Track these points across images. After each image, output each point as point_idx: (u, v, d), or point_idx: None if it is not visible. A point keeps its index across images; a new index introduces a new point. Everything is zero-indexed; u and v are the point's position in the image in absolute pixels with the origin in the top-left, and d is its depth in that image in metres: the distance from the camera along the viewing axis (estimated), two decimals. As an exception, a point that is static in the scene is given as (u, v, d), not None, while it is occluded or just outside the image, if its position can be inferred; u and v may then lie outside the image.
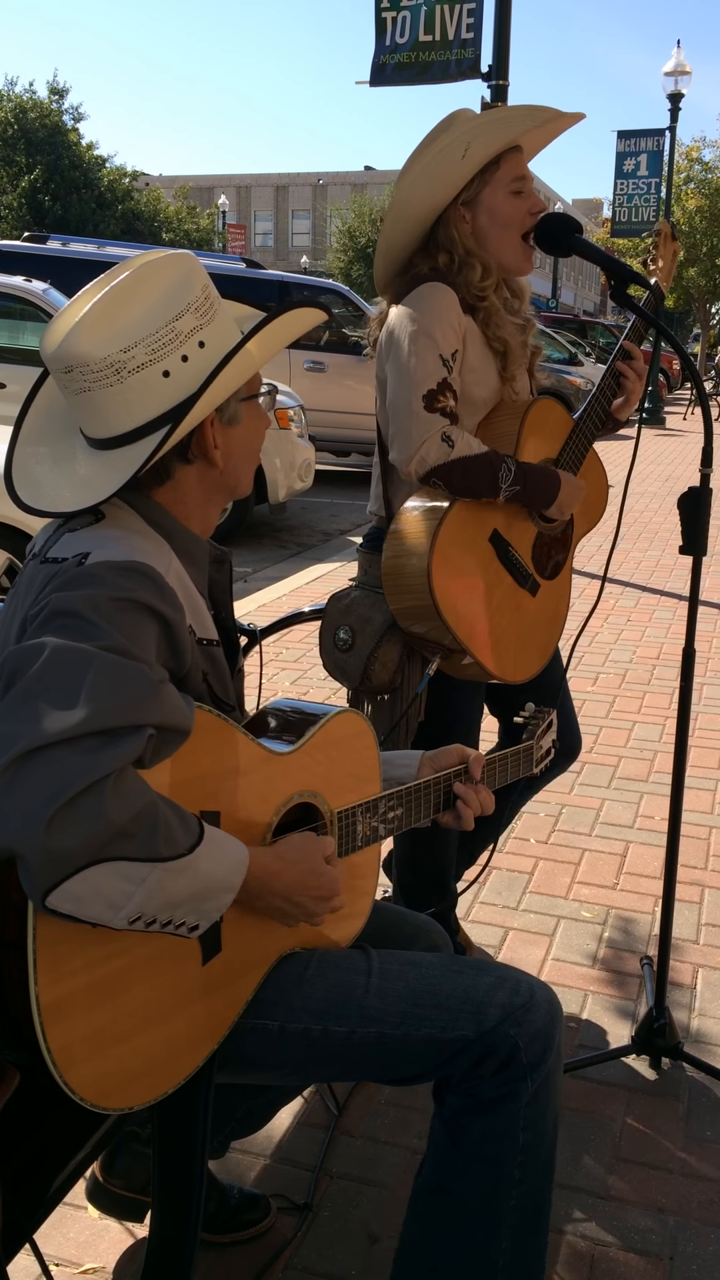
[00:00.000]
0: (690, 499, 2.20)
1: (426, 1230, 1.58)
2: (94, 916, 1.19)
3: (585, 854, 3.43)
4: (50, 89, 36.66)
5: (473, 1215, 1.54)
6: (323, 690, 4.85)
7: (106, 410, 1.41)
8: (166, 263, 1.43)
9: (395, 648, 2.32)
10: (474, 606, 2.23)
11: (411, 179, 2.21)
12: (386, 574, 2.25)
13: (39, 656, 1.20)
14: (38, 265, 9.81)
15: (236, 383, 1.47)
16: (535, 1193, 1.57)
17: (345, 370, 11.36)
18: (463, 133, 2.19)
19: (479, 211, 2.27)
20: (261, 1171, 2.11)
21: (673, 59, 19.71)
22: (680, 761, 2.35)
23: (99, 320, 1.38)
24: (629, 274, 2.26)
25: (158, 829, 1.20)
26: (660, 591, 6.93)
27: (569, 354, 19.32)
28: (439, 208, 2.27)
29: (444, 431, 2.15)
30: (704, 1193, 2.09)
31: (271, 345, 1.50)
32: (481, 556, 2.26)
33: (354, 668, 2.35)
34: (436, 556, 2.15)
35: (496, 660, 2.28)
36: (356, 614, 2.37)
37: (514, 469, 2.20)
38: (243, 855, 1.33)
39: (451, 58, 7.59)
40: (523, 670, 2.37)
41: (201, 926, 1.31)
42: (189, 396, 1.40)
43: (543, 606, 2.41)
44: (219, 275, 11.45)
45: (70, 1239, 1.94)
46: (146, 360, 1.39)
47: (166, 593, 1.35)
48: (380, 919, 1.77)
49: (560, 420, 2.40)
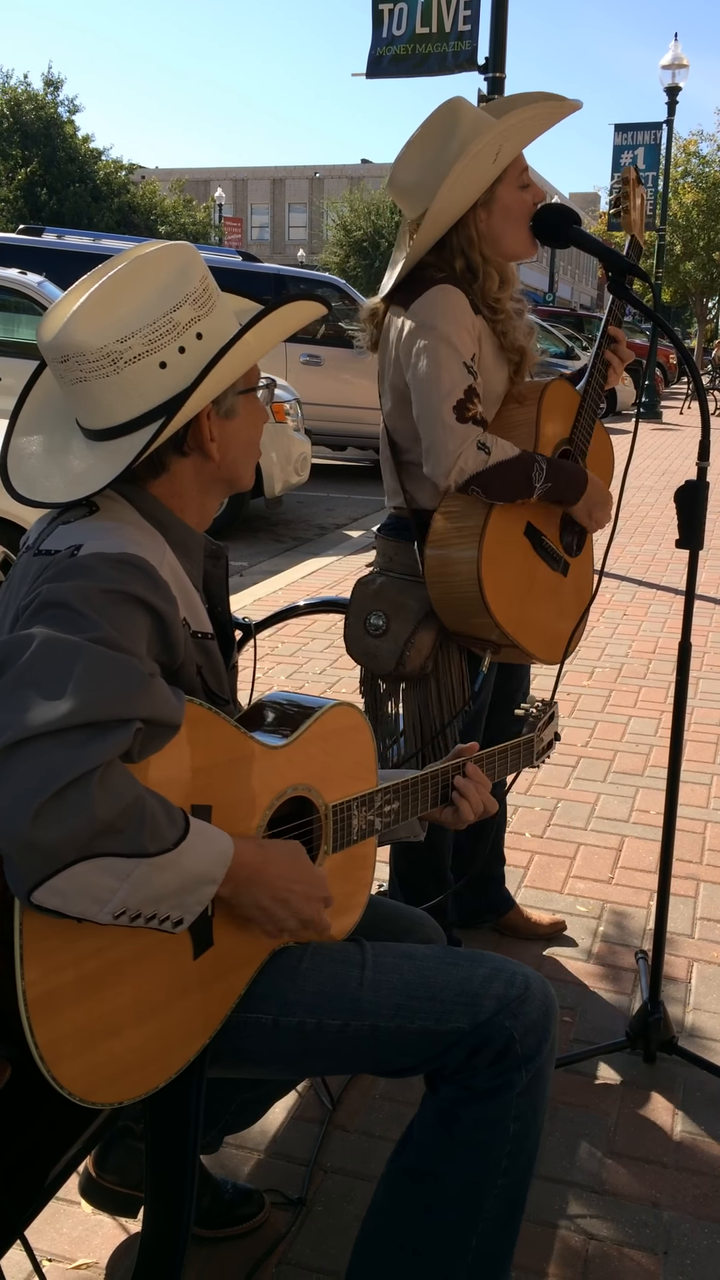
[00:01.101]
0: (687, 493, 2.19)
1: (403, 1209, 1.57)
2: (79, 912, 1.18)
3: (580, 848, 3.43)
4: (45, 81, 36.55)
5: (454, 1199, 1.54)
6: (318, 684, 4.84)
7: (102, 401, 1.40)
8: (165, 253, 1.42)
9: (431, 633, 2.34)
10: (520, 601, 2.28)
11: (450, 186, 2.16)
12: (433, 581, 2.28)
13: (28, 647, 1.19)
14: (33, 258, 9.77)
15: (234, 375, 1.46)
16: (518, 1182, 1.57)
17: (342, 364, 11.34)
18: (496, 135, 2.17)
19: (494, 210, 2.27)
20: (255, 1166, 2.10)
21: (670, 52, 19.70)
22: (676, 756, 2.35)
23: (96, 310, 1.36)
24: (626, 266, 2.25)
25: (144, 824, 1.19)
26: (656, 585, 6.93)
27: (566, 348, 19.30)
28: (464, 211, 2.25)
29: (479, 440, 2.17)
30: (698, 1187, 2.09)
31: (270, 338, 1.49)
32: (521, 551, 2.30)
33: (388, 653, 2.36)
34: (485, 560, 2.19)
35: (541, 647, 2.33)
36: (389, 599, 2.39)
37: (545, 467, 2.23)
38: (226, 846, 1.32)
39: (448, 50, 7.56)
40: (560, 651, 2.41)
41: (185, 920, 1.30)
42: (185, 388, 1.39)
43: (574, 584, 2.46)
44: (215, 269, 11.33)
45: (63, 1234, 1.93)
46: (143, 351, 1.38)
47: (159, 585, 1.34)
48: (374, 912, 1.76)
49: (569, 398, 2.43)
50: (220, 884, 1.32)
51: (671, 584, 6.95)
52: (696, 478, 2.18)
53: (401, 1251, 1.56)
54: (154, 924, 1.27)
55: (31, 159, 34.77)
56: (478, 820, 1.77)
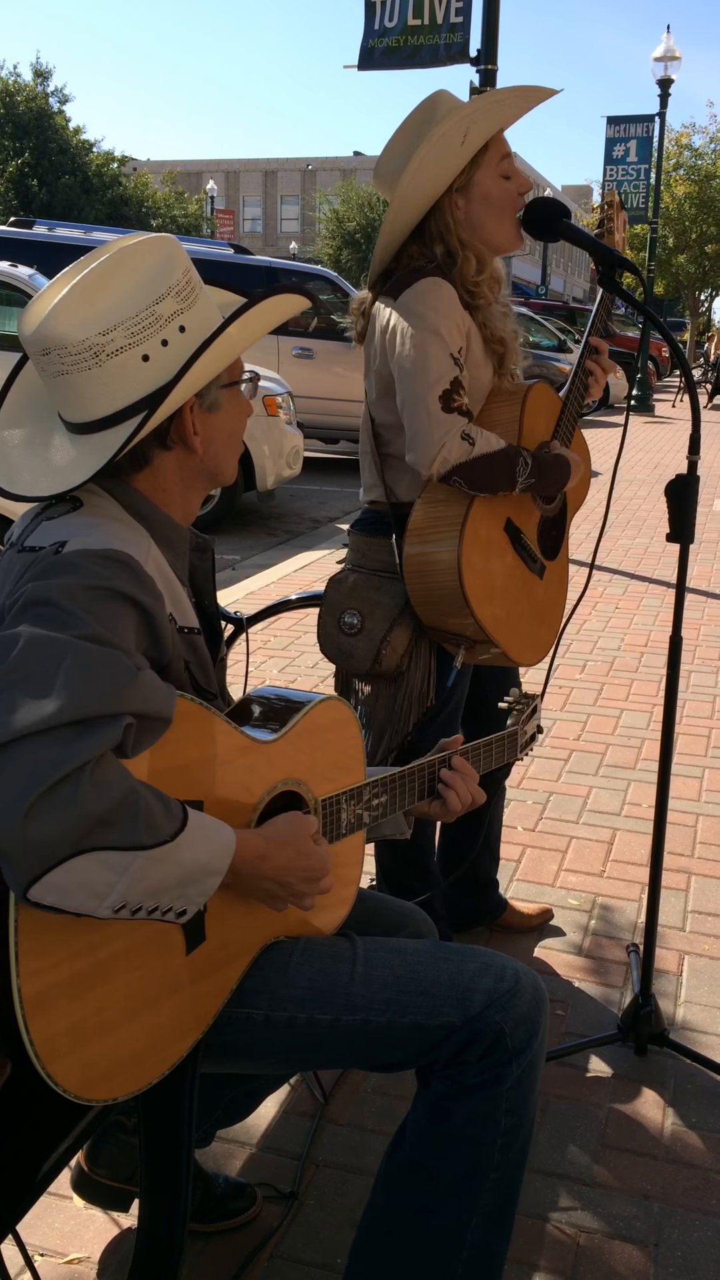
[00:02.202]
0: (677, 486, 2.19)
1: (397, 1204, 1.58)
2: (78, 907, 1.18)
3: (572, 841, 3.43)
4: (34, 71, 36.36)
5: (448, 1194, 1.55)
6: (310, 679, 4.84)
7: (84, 394, 1.39)
8: (147, 246, 1.41)
9: (406, 631, 2.33)
10: (498, 598, 2.27)
11: (415, 168, 2.17)
12: (411, 573, 2.26)
13: (14, 647, 1.19)
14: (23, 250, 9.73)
15: (216, 368, 1.45)
16: (510, 1175, 1.58)
17: (334, 357, 11.32)
18: (461, 118, 2.16)
19: (472, 197, 2.26)
20: (247, 1160, 2.11)
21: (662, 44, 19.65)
22: (667, 749, 2.35)
23: (78, 302, 1.36)
24: (617, 259, 2.26)
25: (139, 816, 1.19)
26: (648, 579, 6.93)
27: (558, 341, 19.29)
28: (437, 195, 2.26)
29: (464, 430, 2.16)
30: (688, 1179, 2.10)
31: (253, 331, 1.48)
32: (499, 548, 2.29)
33: (364, 651, 2.35)
34: (465, 553, 2.18)
35: (517, 647, 2.32)
36: (363, 597, 2.37)
37: (530, 461, 2.22)
38: (229, 838, 1.32)
39: (440, 42, 7.54)
40: (537, 653, 2.40)
41: (189, 912, 1.30)
42: (167, 382, 1.38)
43: (549, 586, 2.45)
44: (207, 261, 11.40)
45: (55, 1229, 1.93)
46: (125, 344, 1.37)
47: (144, 581, 1.33)
48: (364, 906, 1.77)
49: (551, 402, 2.42)
50: (224, 875, 1.32)
51: (663, 577, 6.96)
52: (687, 471, 2.18)
53: (398, 1249, 1.57)
54: (156, 916, 1.27)
55: (22, 150, 34.60)
56: (465, 812, 1.77)
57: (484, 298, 2.27)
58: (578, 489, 2.53)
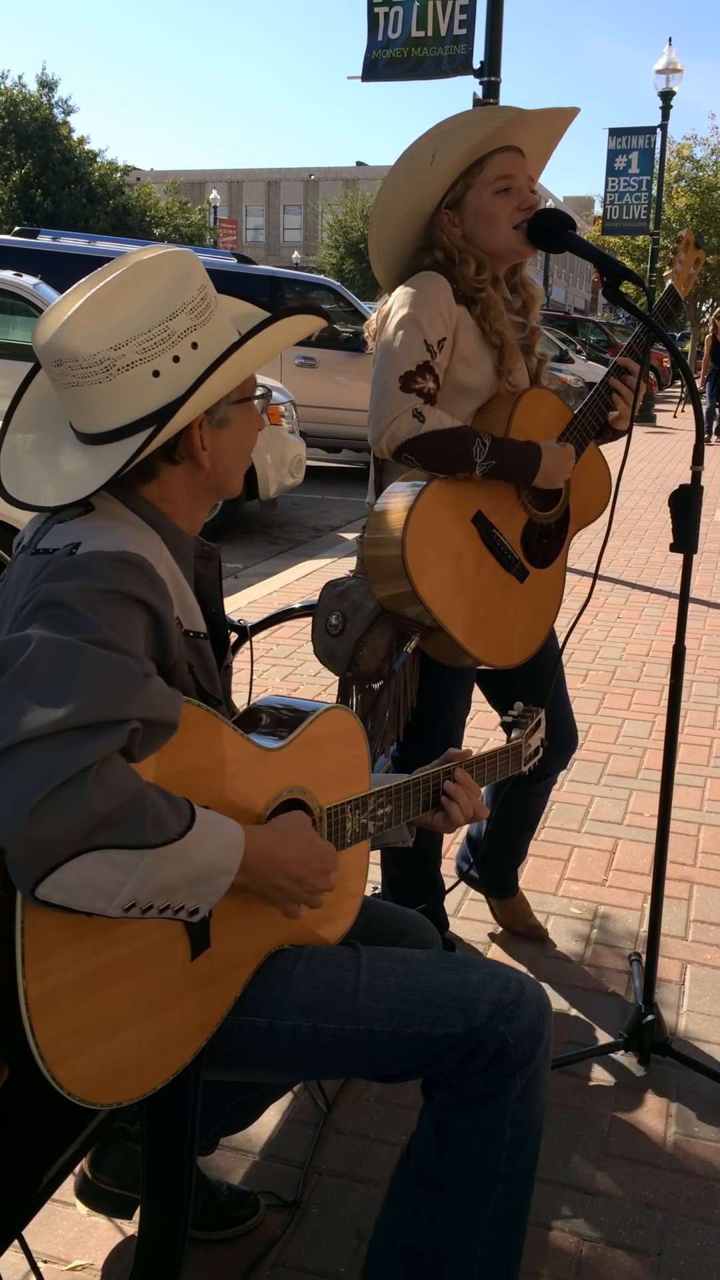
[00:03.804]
0: (681, 496, 2.20)
1: (407, 1219, 1.58)
2: (87, 905, 1.19)
3: (574, 850, 3.43)
4: (40, 82, 36.47)
5: (456, 1207, 1.55)
6: (313, 687, 4.84)
7: (94, 406, 1.40)
8: (164, 260, 1.41)
9: (385, 635, 2.33)
10: (452, 584, 2.24)
11: (388, 186, 2.28)
12: (368, 555, 2.27)
13: (25, 649, 1.20)
14: (28, 260, 9.76)
15: (227, 387, 1.46)
16: (518, 1187, 1.58)
17: (337, 366, 11.34)
18: (429, 138, 2.24)
19: (465, 214, 2.31)
20: (250, 1168, 2.11)
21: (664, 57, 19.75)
22: (670, 758, 2.35)
23: (91, 316, 1.37)
24: (621, 270, 2.26)
25: (145, 816, 1.20)
26: (650, 589, 6.94)
27: (560, 351, 19.36)
28: (423, 212, 2.32)
29: (415, 408, 2.18)
30: (691, 1188, 2.10)
31: (267, 351, 1.48)
32: (462, 536, 2.27)
33: (342, 653, 2.37)
34: (411, 531, 2.17)
35: (474, 641, 2.29)
36: (349, 600, 2.39)
37: (488, 443, 2.21)
38: (238, 836, 1.33)
39: (444, 54, 7.58)
40: (506, 655, 2.38)
41: (202, 910, 1.31)
42: (176, 398, 1.39)
43: (531, 593, 2.42)
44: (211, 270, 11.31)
45: (59, 1236, 1.93)
46: (137, 359, 1.38)
47: (157, 583, 1.34)
48: (368, 914, 1.77)
49: (555, 411, 2.41)
50: (234, 873, 1.33)
51: (664, 587, 6.97)
52: (691, 481, 2.19)
53: (411, 1260, 1.57)
54: (168, 914, 1.27)
55: (26, 160, 34.70)
56: (467, 823, 1.78)
57: (487, 293, 2.30)
58: (587, 503, 2.52)
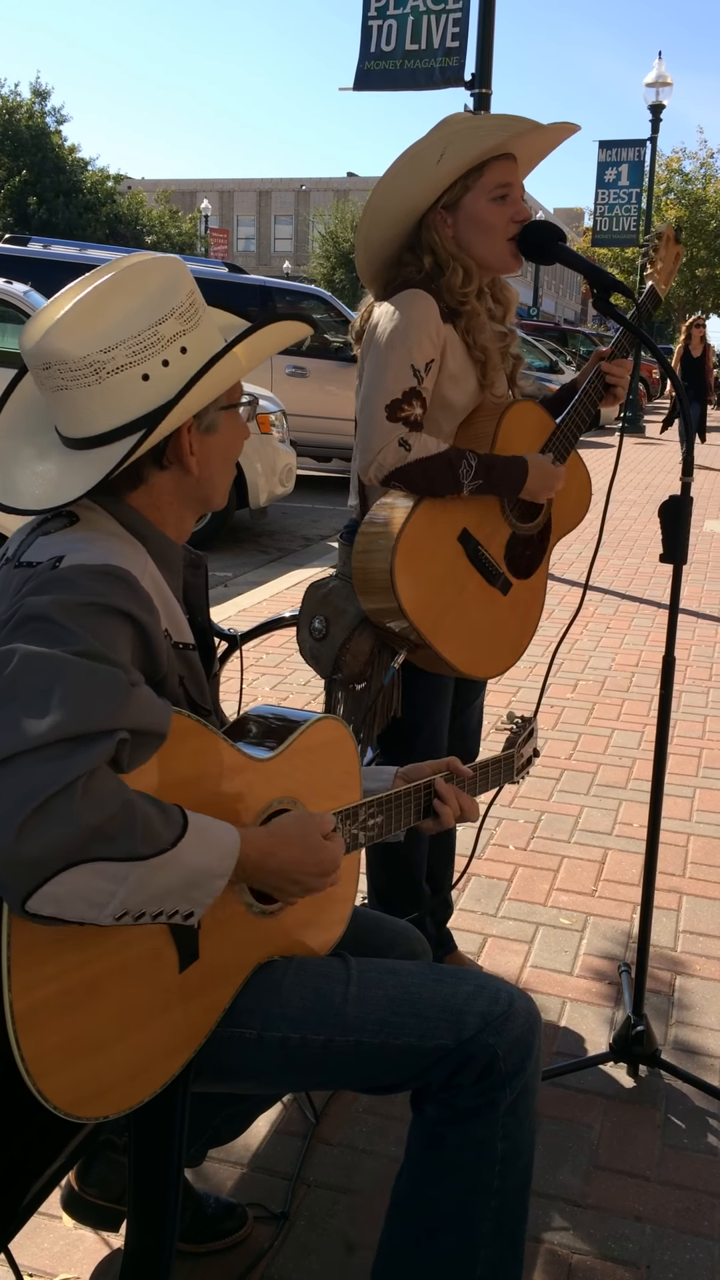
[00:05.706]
0: (671, 507, 2.20)
1: (405, 1237, 1.57)
2: (78, 916, 1.18)
3: (564, 861, 3.43)
4: (33, 91, 36.51)
5: (451, 1223, 1.54)
6: (303, 695, 4.84)
7: (83, 410, 1.40)
8: (153, 265, 1.42)
9: (368, 640, 2.33)
10: (439, 604, 2.25)
11: (388, 179, 2.24)
12: (356, 573, 2.27)
13: (9, 663, 1.20)
14: (18, 267, 9.76)
15: (216, 391, 1.46)
16: (513, 1201, 1.57)
17: (327, 375, 11.36)
18: (439, 137, 2.21)
19: (460, 216, 2.28)
20: (238, 1180, 2.09)
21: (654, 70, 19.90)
22: (660, 768, 2.35)
23: (81, 319, 1.37)
24: (611, 282, 2.27)
25: (135, 827, 1.19)
26: (639, 599, 6.95)
27: (550, 362, 19.43)
28: (418, 210, 2.29)
29: (401, 437, 2.18)
30: (680, 1201, 2.09)
31: (255, 355, 1.49)
32: (448, 555, 2.27)
33: (326, 657, 2.37)
34: (400, 556, 2.17)
35: (462, 655, 2.29)
36: (333, 604, 2.39)
37: (474, 463, 2.21)
38: (232, 841, 1.33)
39: (435, 65, 7.62)
40: (492, 666, 2.40)
41: (196, 914, 1.31)
42: (166, 402, 1.39)
43: (514, 604, 2.42)
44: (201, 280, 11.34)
45: (45, 1249, 1.92)
46: (126, 362, 1.38)
47: (141, 596, 1.34)
48: (358, 924, 1.76)
49: (540, 422, 2.41)
50: (229, 876, 1.32)
51: (653, 597, 6.98)
52: (681, 492, 2.19)
53: (413, 1273, 1.56)
54: (162, 919, 1.27)
55: (20, 168, 34.71)
56: (458, 822, 1.78)
57: (471, 306, 2.30)
58: (568, 512, 2.53)
